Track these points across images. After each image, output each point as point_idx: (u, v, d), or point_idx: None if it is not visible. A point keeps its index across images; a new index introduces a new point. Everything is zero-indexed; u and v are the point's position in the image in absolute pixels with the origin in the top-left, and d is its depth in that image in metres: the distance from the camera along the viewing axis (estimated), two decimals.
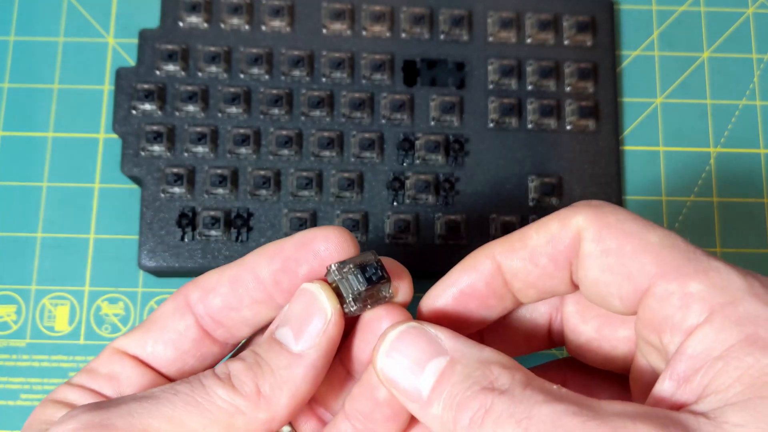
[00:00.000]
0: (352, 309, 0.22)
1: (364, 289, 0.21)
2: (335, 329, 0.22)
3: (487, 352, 0.20)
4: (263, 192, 0.39)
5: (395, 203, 0.40)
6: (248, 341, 0.25)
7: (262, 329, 0.24)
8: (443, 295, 0.24)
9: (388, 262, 0.23)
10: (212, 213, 0.39)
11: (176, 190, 0.39)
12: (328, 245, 0.22)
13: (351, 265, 0.21)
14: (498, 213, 0.40)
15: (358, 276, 0.21)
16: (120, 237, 0.41)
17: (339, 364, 0.24)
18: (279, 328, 0.22)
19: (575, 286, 0.23)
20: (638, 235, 0.21)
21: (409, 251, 0.39)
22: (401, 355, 0.20)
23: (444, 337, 0.20)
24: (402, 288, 0.23)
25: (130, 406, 0.21)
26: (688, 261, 0.20)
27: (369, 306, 0.22)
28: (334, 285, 0.22)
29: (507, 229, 0.39)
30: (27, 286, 0.40)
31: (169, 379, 0.24)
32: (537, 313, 0.25)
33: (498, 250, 0.23)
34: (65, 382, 0.24)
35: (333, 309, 0.22)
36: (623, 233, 0.21)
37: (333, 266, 0.22)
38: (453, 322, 0.24)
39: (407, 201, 0.40)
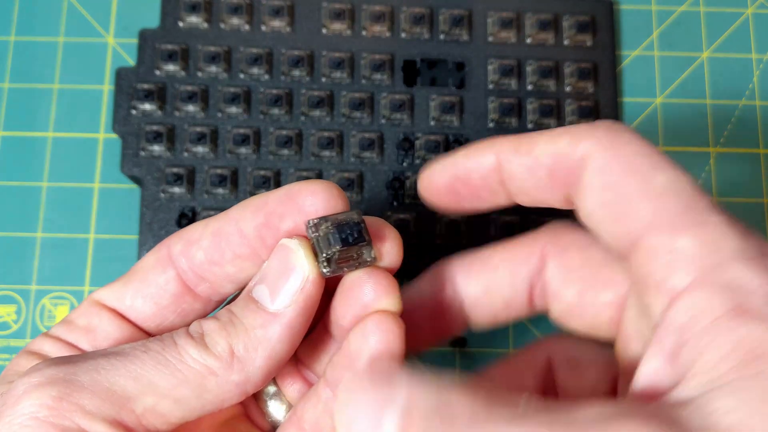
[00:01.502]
0: (325, 270, 0.20)
1: (338, 249, 0.20)
2: (313, 288, 0.20)
3: (445, 390, 0.17)
4: (263, 192, 0.39)
5: (395, 203, 0.40)
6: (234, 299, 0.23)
7: (241, 288, 0.23)
8: (440, 175, 0.24)
9: (376, 223, 0.22)
10: (212, 213, 0.39)
11: (176, 190, 0.39)
12: (314, 200, 0.21)
13: (329, 223, 0.20)
14: (498, 213, 0.40)
15: (335, 235, 0.20)
16: (120, 237, 0.41)
17: (322, 324, 0.23)
18: (256, 286, 0.21)
19: (570, 205, 0.21)
20: (644, 175, 0.19)
21: (409, 251, 0.39)
22: (357, 411, 0.18)
23: (402, 381, 0.18)
24: (389, 252, 0.22)
25: (97, 362, 0.20)
26: (686, 211, 0.18)
27: (346, 268, 0.21)
28: (311, 242, 0.20)
29: (507, 229, 0.39)
30: (27, 286, 0.40)
31: (148, 335, 0.23)
32: (518, 277, 0.24)
33: (503, 149, 0.22)
34: (43, 332, 0.23)
35: (311, 267, 0.20)
36: (630, 169, 0.19)
37: (311, 221, 0.20)
38: (447, 200, 0.24)
39: (407, 201, 0.40)
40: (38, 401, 0.19)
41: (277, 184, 0.39)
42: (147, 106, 0.40)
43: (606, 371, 0.22)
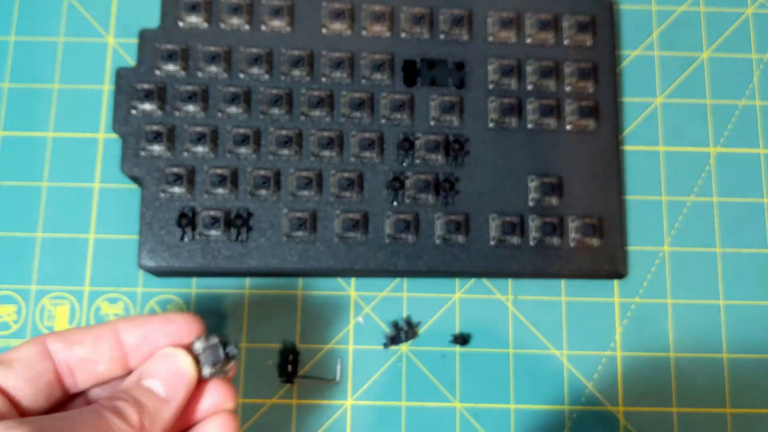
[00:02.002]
0: (206, 373, 0.29)
1: (221, 360, 0.29)
2: (193, 384, 0.29)
3: None
4: (263, 192, 0.39)
5: (395, 203, 0.40)
6: (81, 393, 0.30)
7: (98, 384, 0.29)
8: None
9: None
10: (212, 213, 0.39)
11: (176, 190, 0.39)
12: (189, 326, 0.30)
13: (211, 343, 0.29)
14: (498, 213, 0.40)
15: (219, 351, 0.29)
16: (120, 237, 0.41)
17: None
18: (147, 379, 0.28)
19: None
20: None
21: (409, 251, 0.39)
22: None
23: None
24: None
25: (56, 423, 0.25)
26: None
27: (219, 373, 0.29)
28: (194, 354, 0.29)
29: (507, 229, 0.39)
30: (27, 286, 0.40)
31: (24, 413, 0.27)
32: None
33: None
34: None
35: (194, 370, 0.29)
36: None
37: (200, 339, 0.29)
38: None
39: (407, 201, 0.40)
40: None
41: (278, 184, 0.39)
42: (147, 106, 0.40)
43: None
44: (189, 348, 0.29)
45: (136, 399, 0.27)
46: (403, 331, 0.40)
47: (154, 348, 0.29)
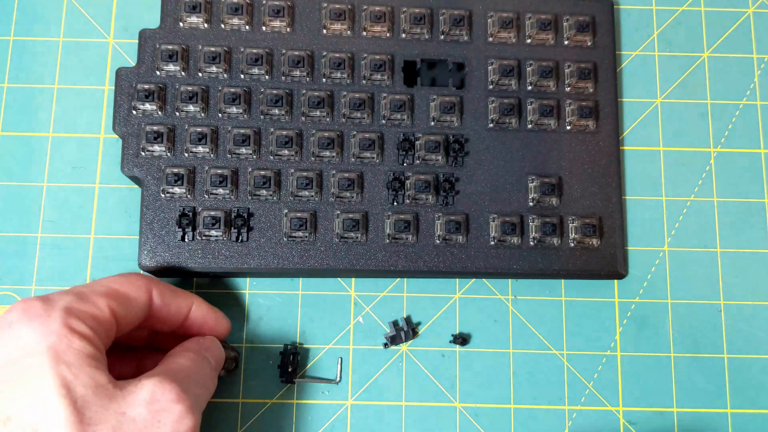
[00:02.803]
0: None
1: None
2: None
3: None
4: (263, 192, 0.39)
5: (395, 203, 0.40)
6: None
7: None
8: None
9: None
10: (212, 213, 0.39)
11: (176, 190, 0.39)
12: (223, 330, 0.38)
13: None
14: (498, 213, 0.40)
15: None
16: (120, 237, 0.41)
17: None
18: (206, 352, 0.36)
19: None
20: None
21: (409, 251, 0.39)
22: None
23: None
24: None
25: (182, 367, 0.34)
26: None
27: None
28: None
29: (507, 229, 0.39)
30: (27, 286, 0.40)
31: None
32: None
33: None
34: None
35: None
36: None
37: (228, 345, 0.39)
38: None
39: (407, 201, 0.40)
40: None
41: (278, 184, 0.39)
42: (147, 107, 0.40)
43: None
44: None
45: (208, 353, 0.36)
46: (403, 331, 0.40)
47: (196, 331, 0.37)
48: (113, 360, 0.33)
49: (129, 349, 0.37)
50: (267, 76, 0.41)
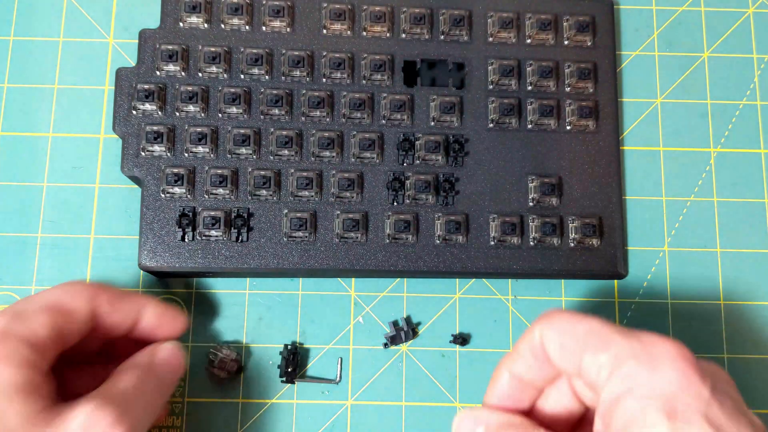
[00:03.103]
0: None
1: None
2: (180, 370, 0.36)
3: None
4: (263, 192, 0.39)
5: (395, 203, 0.40)
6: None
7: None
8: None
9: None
10: (212, 213, 0.39)
11: (176, 190, 0.39)
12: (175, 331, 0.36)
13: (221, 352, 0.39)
14: (498, 213, 0.40)
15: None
16: (120, 237, 0.41)
17: None
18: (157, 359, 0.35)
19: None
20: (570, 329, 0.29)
21: (409, 251, 0.39)
22: None
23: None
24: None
25: (121, 392, 0.32)
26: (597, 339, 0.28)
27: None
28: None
29: (507, 229, 0.39)
30: (27, 286, 0.40)
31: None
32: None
33: (509, 361, 0.31)
34: None
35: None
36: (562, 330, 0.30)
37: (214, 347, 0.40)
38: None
39: (407, 201, 0.40)
40: None
41: (278, 184, 0.39)
42: (147, 107, 0.40)
43: None
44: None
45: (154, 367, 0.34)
46: (403, 331, 0.40)
47: (151, 334, 0.35)
48: (70, 373, 0.33)
49: (86, 359, 0.36)
50: (267, 76, 0.41)
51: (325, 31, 0.42)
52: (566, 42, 0.42)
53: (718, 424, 0.25)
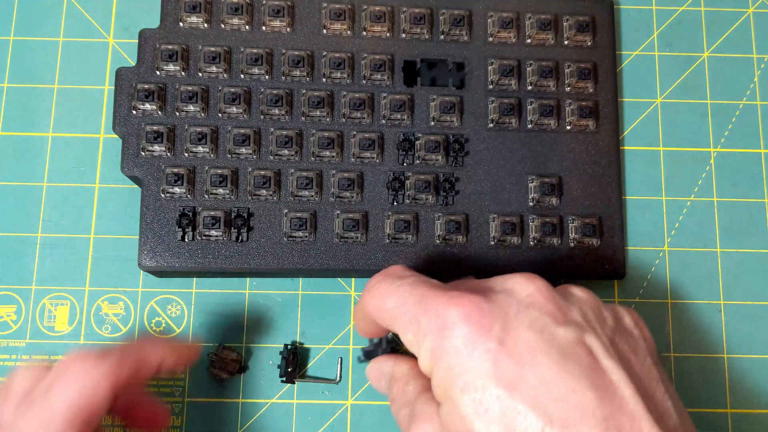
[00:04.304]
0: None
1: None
2: None
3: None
4: (263, 192, 0.39)
5: (395, 203, 0.40)
6: None
7: None
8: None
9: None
10: (212, 213, 0.39)
11: (176, 190, 0.39)
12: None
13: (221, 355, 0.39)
14: (498, 213, 0.40)
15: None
16: (120, 237, 0.41)
17: None
18: None
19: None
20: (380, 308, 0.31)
21: (409, 251, 0.39)
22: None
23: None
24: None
25: None
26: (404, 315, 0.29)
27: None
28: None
29: (507, 229, 0.39)
30: (27, 286, 0.40)
31: None
32: None
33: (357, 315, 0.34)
34: None
35: None
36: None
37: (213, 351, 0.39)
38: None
39: (407, 201, 0.40)
40: None
41: (278, 184, 0.39)
42: (147, 107, 0.40)
43: None
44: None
45: None
46: (380, 348, 0.37)
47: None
48: None
49: None
50: (267, 76, 0.41)
51: (325, 31, 0.42)
52: (566, 42, 0.42)
53: (495, 374, 0.25)
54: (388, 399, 0.33)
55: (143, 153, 0.39)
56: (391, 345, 0.38)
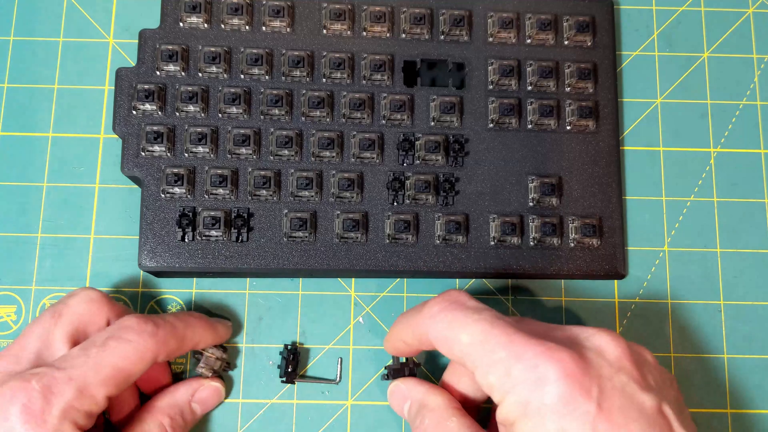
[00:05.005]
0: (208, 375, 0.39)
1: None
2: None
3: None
4: (263, 192, 0.39)
5: (395, 203, 0.40)
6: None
7: None
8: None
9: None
10: (212, 213, 0.39)
11: (176, 190, 0.39)
12: None
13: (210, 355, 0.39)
14: (498, 213, 0.40)
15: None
16: (120, 237, 0.41)
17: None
18: (195, 404, 0.38)
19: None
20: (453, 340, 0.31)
21: (409, 251, 0.39)
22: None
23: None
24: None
25: None
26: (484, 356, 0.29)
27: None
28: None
29: (507, 229, 0.39)
30: (27, 286, 0.40)
31: None
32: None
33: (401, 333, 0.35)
34: None
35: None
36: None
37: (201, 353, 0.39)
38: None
39: (407, 201, 0.40)
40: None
41: (278, 185, 0.39)
42: (147, 107, 0.40)
43: None
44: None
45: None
46: (407, 368, 0.38)
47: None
48: None
49: None
50: (267, 76, 0.41)
51: (325, 31, 0.42)
52: (566, 42, 0.42)
53: None
54: (412, 424, 0.34)
55: (143, 153, 0.39)
56: (418, 366, 0.38)
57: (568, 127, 0.41)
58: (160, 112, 0.40)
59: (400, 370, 0.38)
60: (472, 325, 0.30)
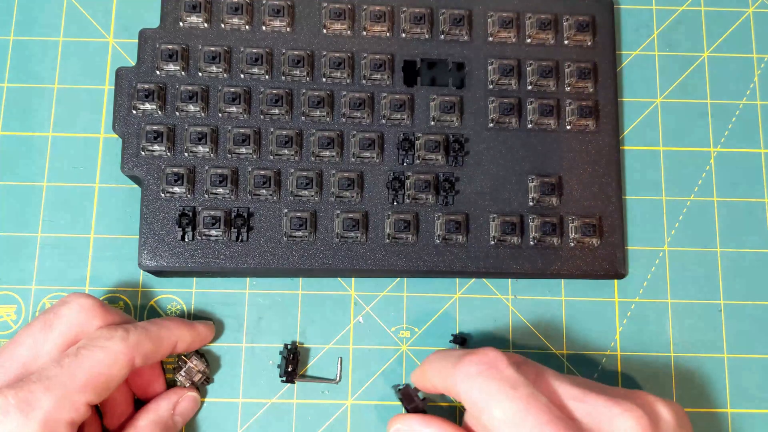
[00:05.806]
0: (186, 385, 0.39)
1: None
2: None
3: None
4: (263, 192, 0.39)
5: (395, 203, 0.40)
6: None
7: None
8: None
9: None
10: (212, 213, 0.39)
11: (176, 190, 0.39)
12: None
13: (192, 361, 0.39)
14: (498, 213, 0.40)
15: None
16: (120, 237, 0.41)
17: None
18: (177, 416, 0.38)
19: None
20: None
21: (409, 251, 0.39)
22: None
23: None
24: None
25: None
26: None
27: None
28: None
29: (507, 229, 0.39)
30: (27, 286, 0.40)
31: None
32: None
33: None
34: None
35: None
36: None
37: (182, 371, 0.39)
38: None
39: (407, 201, 0.40)
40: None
41: (278, 184, 0.39)
42: (147, 106, 0.40)
43: None
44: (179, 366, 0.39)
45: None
46: (422, 402, 0.37)
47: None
48: None
49: None
50: (267, 76, 0.41)
51: (325, 30, 0.42)
52: (566, 42, 0.42)
53: None
54: None
55: (143, 153, 0.39)
56: (423, 397, 0.38)
57: (568, 127, 0.41)
58: (160, 112, 0.40)
59: (411, 396, 0.37)
60: (507, 402, 0.30)
